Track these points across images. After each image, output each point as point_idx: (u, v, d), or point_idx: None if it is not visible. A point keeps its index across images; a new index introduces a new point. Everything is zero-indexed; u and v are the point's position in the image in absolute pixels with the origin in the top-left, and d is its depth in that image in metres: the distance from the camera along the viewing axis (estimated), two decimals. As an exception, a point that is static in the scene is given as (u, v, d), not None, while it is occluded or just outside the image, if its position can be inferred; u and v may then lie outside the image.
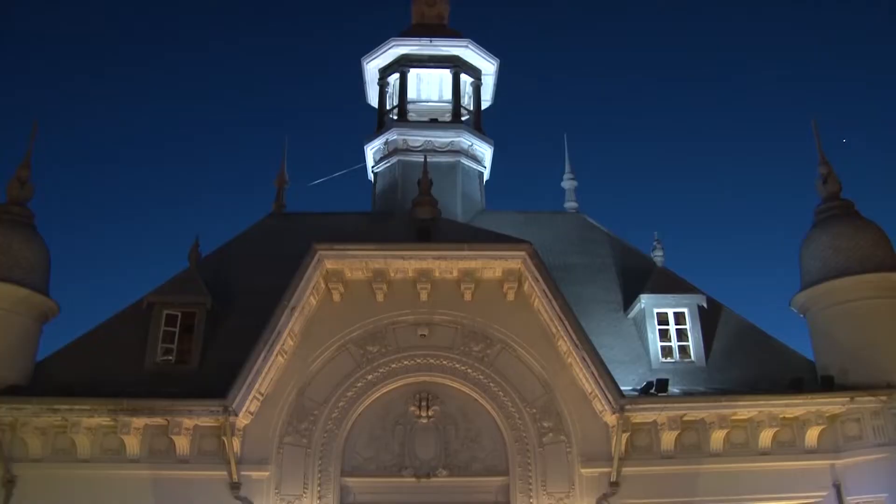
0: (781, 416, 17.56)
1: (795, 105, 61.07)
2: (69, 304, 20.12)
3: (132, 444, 17.17)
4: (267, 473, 17.14)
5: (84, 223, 66.48)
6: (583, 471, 17.31)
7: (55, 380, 17.78)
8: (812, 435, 17.74)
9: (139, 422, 17.00)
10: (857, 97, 63.47)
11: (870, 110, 64.55)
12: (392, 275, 18.28)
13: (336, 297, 18.36)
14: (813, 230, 19.73)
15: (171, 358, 18.70)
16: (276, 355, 17.40)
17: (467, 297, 18.36)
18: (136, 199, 69.20)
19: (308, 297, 17.83)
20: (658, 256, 20.72)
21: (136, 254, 66.55)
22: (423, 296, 18.29)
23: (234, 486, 16.94)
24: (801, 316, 19.70)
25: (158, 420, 17.03)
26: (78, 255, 61.47)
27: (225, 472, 17.00)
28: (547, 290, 17.67)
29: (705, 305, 19.64)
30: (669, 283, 19.90)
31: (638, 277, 20.28)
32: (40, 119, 20.65)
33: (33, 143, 19.93)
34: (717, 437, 17.58)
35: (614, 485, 17.17)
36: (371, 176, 25.35)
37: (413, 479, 17.30)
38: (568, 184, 24.74)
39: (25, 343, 18.32)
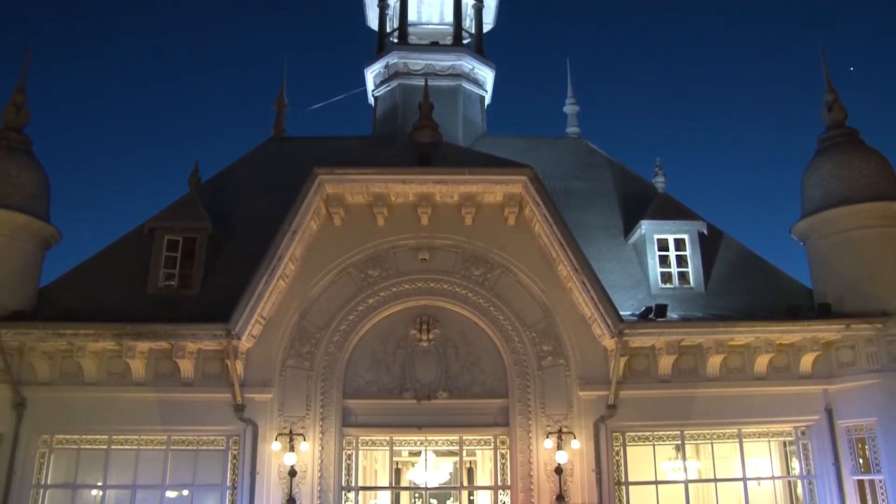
0: (778, 342, 17.75)
1: (802, 32, 59.96)
2: (70, 231, 20.17)
3: (137, 367, 17.42)
4: (270, 395, 17.44)
5: (83, 149, 66.26)
6: (581, 393, 17.59)
7: (59, 305, 17.96)
8: (807, 361, 17.97)
9: (143, 346, 17.20)
10: (865, 28, 62.18)
11: (879, 41, 63.32)
12: (393, 199, 18.19)
13: (337, 221, 18.31)
14: (816, 158, 19.54)
15: (173, 283, 18.77)
16: (278, 279, 17.46)
17: (468, 221, 18.31)
18: (136, 125, 68.70)
19: (309, 221, 17.79)
20: (659, 182, 20.57)
21: (136, 179, 66.36)
22: (424, 220, 18.24)
23: (239, 408, 17.27)
24: (801, 244, 19.69)
25: (162, 344, 17.20)
26: (78, 182, 61.36)
27: (229, 395, 17.31)
28: (548, 215, 17.61)
29: (706, 232, 19.64)
30: (670, 210, 19.82)
31: (639, 203, 20.21)
32: (36, 45, 20.36)
33: (27, 68, 19.60)
34: (714, 362, 17.81)
35: (612, 407, 17.48)
36: (371, 100, 25.01)
37: (414, 401, 17.58)
38: (570, 108, 24.45)
39: (28, 269, 18.37)
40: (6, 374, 17.20)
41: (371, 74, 24.69)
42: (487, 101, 24.94)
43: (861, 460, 17.57)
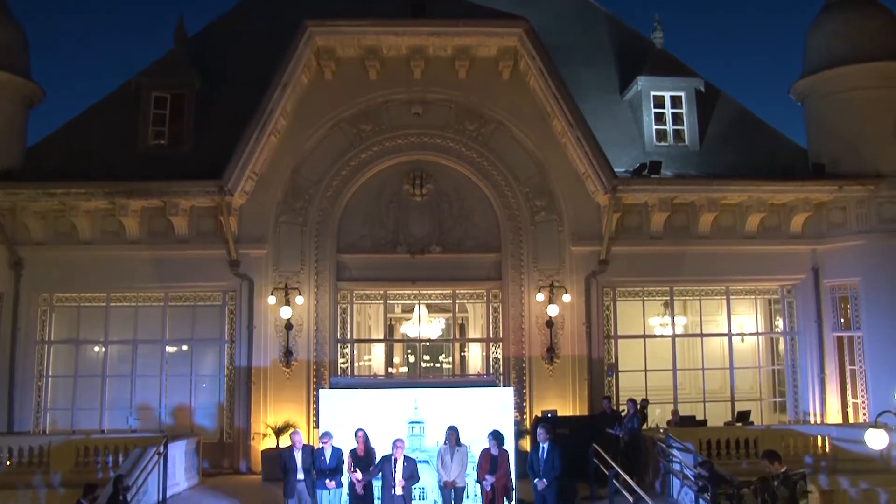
0: (770, 201, 17.86)
1: None
2: (55, 93, 19.71)
3: (131, 225, 17.47)
4: (265, 251, 17.58)
5: (62, 5, 63.50)
6: (573, 249, 17.77)
7: (48, 165, 17.75)
8: (798, 221, 18.15)
9: (136, 204, 17.19)
10: None
11: None
12: (385, 52, 17.75)
13: (328, 75, 17.92)
14: (821, 14, 19.04)
15: (163, 141, 18.56)
16: (269, 135, 17.27)
17: (462, 75, 17.95)
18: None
19: (299, 74, 17.42)
20: (657, 38, 20.04)
21: (120, 38, 63.95)
22: (417, 73, 17.87)
23: (234, 264, 17.45)
24: (800, 104, 19.44)
25: (155, 202, 17.20)
26: (59, 39, 59.35)
27: (224, 251, 17.45)
28: (543, 69, 17.25)
29: (703, 90, 19.33)
30: (667, 66, 19.42)
31: (636, 59, 19.69)
32: None
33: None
34: (706, 220, 17.95)
35: (603, 263, 17.72)
36: (362, -48, 23.92)
37: (407, 256, 17.76)
38: (568, -39, 23.42)
39: (13, 128, 18.08)
40: (0, 234, 17.21)
41: (361, -75, 23.49)
42: (483, -49, 23.86)
43: (842, 318, 18.07)
